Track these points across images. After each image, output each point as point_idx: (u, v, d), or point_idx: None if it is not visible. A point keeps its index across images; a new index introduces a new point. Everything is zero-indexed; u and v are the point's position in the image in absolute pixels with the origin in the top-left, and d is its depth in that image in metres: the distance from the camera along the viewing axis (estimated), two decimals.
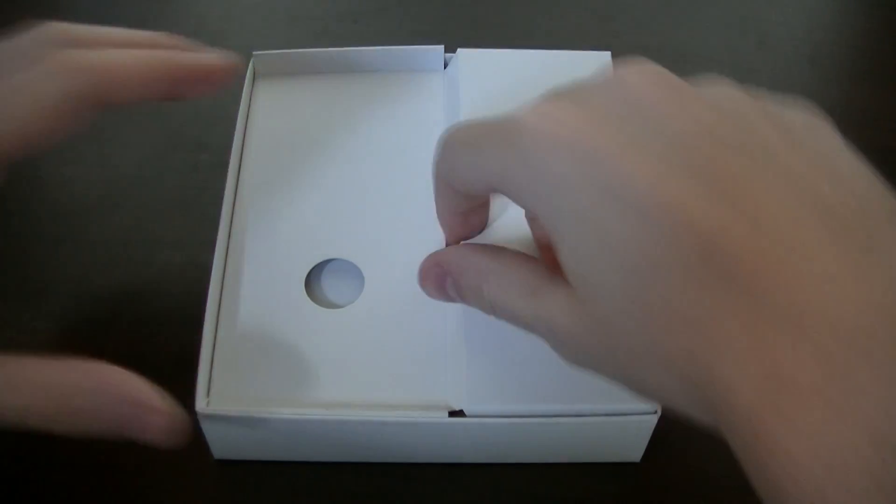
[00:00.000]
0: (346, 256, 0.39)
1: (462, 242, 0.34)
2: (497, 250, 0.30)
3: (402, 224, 0.39)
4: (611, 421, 0.35)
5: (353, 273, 0.39)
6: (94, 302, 0.43)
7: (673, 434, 0.38)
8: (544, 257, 0.30)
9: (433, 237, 0.37)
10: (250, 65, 0.44)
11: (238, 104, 0.43)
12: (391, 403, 0.35)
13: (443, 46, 0.45)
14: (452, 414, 0.34)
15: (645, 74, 0.25)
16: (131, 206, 0.47)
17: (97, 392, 0.30)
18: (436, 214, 0.33)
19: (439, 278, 0.32)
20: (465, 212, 0.32)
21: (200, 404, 0.35)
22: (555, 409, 0.34)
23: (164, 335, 0.42)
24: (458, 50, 0.44)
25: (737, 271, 0.21)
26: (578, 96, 0.25)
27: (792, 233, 0.21)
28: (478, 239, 0.35)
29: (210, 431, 0.36)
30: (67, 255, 0.45)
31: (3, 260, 0.45)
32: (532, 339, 0.28)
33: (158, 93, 0.34)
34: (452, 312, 0.36)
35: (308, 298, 0.38)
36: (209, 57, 0.35)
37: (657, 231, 0.22)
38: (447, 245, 0.35)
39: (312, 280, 0.39)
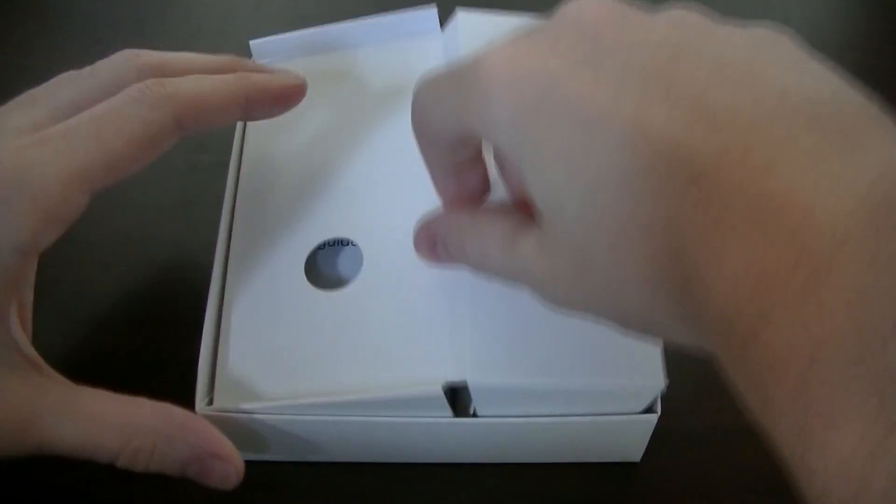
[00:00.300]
0: (344, 236, 0.38)
1: None
2: (480, 209, 0.31)
3: (402, 201, 0.38)
4: (611, 421, 0.35)
5: (351, 253, 0.38)
6: (94, 302, 0.43)
7: (673, 434, 0.38)
8: (519, 209, 0.30)
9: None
10: (252, 56, 0.44)
11: None
12: (394, 382, 0.34)
13: (435, 6, 0.43)
14: (460, 412, 0.34)
15: (593, 3, 0.25)
16: (131, 206, 0.47)
17: (163, 434, 0.31)
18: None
19: (430, 242, 0.33)
20: (455, 170, 0.31)
21: (200, 404, 0.35)
22: (559, 382, 0.33)
23: (164, 335, 0.42)
24: (458, 14, 0.41)
25: (702, 171, 0.21)
26: (531, 32, 0.25)
27: (758, 130, 0.21)
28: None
29: None
30: (68, 256, 0.45)
31: None
32: (535, 308, 0.28)
33: (235, 116, 0.35)
34: (455, 287, 0.35)
35: (308, 283, 0.37)
36: (281, 78, 0.36)
37: (616, 143, 0.22)
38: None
39: (311, 264, 0.39)
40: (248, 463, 0.38)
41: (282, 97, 0.36)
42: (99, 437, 0.30)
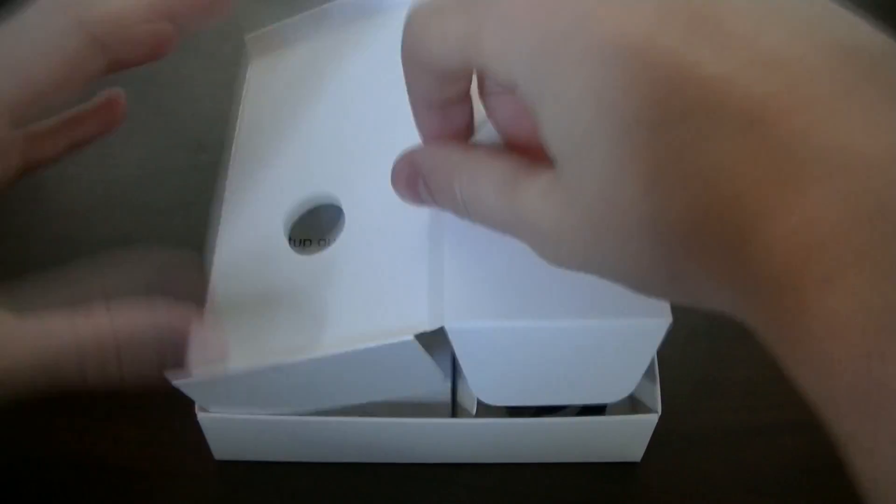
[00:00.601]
0: (327, 195, 0.36)
1: None
2: (472, 146, 0.28)
3: (385, 159, 0.35)
4: (612, 421, 0.35)
5: (336, 216, 0.37)
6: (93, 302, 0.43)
7: (673, 434, 0.38)
8: (515, 153, 0.27)
9: None
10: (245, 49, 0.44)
11: (238, 104, 0.43)
12: (372, 332, 0.31)
13: None
14: (460, 412, 0.34)
15: None
16: (131, 206, 0.47)
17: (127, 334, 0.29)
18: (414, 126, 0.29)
19: (411, 178, 0.29)
20: (441, 104, 0.28)
21: (200, 407, 0.35)
22: (550, 324, 0.29)
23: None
24: None
25: (760, 116, 0.19)
26: None
27: (821, 78, 0.19)
28: None
29: (211, 433, 0.36)
30: (67, 255, 0.45)
31: (3, 260, 0.45)
32: (517, 253, 0.26)
33: (164, 30, 0.33)
34: (436, 237, 0.32)
35: (291, 249, 0.35)
36: None
37: (658, 80, 0.20)
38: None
39: (297, 229, 0.37)
40: (249, 463, 0.38)
41: (208, 3, 0.34)
42: (53, 343, 0.28)
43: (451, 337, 0.29)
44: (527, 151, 0.25)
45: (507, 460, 0.38)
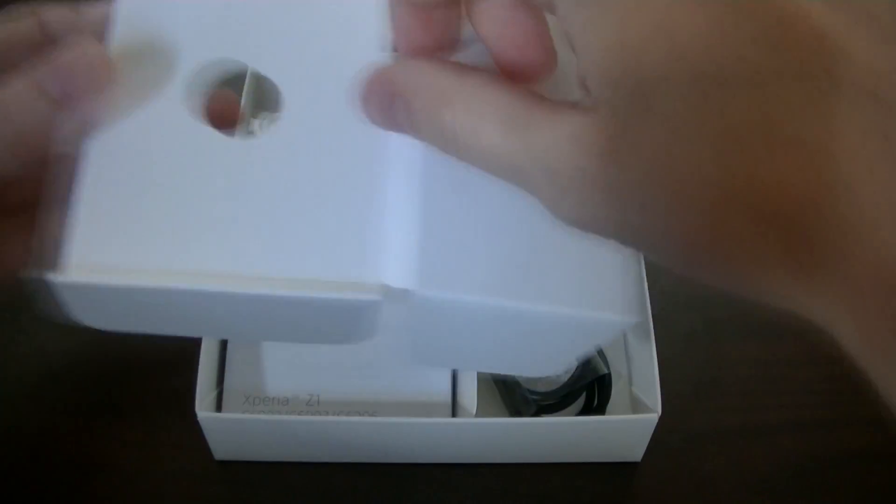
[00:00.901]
0: (255, 67, 0.28)
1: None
2: (468, 68, 0.23)
3: (336, 32, 0.29)
4: (612, 421, 0.35)
5: (263, 88, 0.31)
6: None
7: (673, 434, 0.38)
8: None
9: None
10: None
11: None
12: (311, 273, 0.25)
13: None
14: (459, 412, 0.34)
15: None
16: None
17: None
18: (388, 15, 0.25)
19: (386, 97, 0.24)
20: (425, 8, 0.23)
21: (200, 407, 0.35)
22: (512, 305, 0.25)
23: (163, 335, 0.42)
24: None
25: (876, 85, 0.16)
26: None
27: None
28: None
29: (211, 433, 0.36)
30: None
31: None
32: (499, 211, 0.23)
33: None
34: (404, 159, 0.26)
35: (207, 125, 0.26)
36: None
37: (760, 30, 0.17)
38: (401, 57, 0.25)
39: (219, 100, 0.29)
40: (249, 464, 0.38)
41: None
42: None
43: (413, 301, 0.25)
44: (515, 74, 0.22)
45: (507, 460, 0.38)
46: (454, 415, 0.37)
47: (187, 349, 0.36)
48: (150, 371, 0.41)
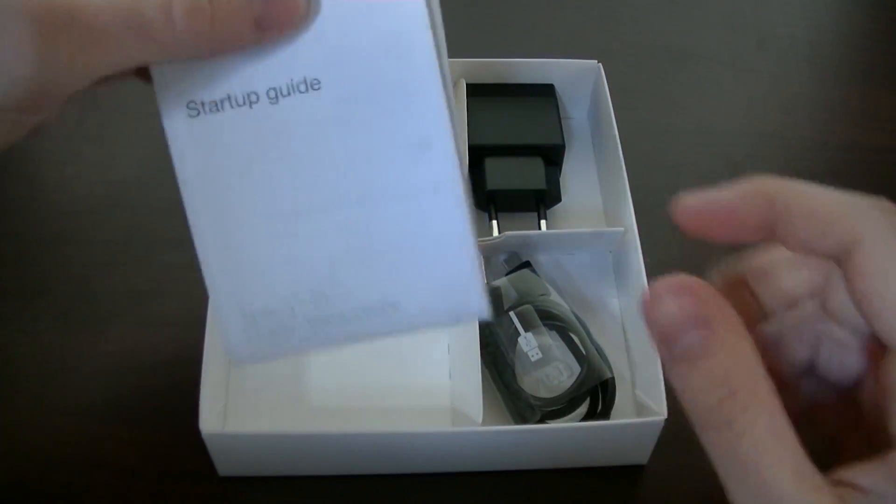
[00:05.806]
0: None
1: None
2: (769, 382, 0.20)
3: None
4: (617, 424, 0.35)
5: None
6: (93, 302, 0.43)
7: (679, 437, 0.38)
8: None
9: None
10: None
11: None
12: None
13: None
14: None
15: None
16: (131, 206, 0.46)
17: None
18: None
19: (670, 327, 0.20)
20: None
21: (205, 424, 0.34)
22: None
23: (164, 335, 0.42)
24: None
25: None
26: None
27: None
28: None
29: (215, 449, 0.36)
30: (67, 255, 0.44)
31: (3, 259, 0.44)
32: None
33: None
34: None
35: None
36: None
37: None
38: None
39: None
40: (254, 479, 0.38)
41: None
42: None
43: None
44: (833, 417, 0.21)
45: (513, 467, 0.38)
46: (454, 420, 0.37)
47: (186, 348, 0.36)
48: (149, 369, 0.41)
